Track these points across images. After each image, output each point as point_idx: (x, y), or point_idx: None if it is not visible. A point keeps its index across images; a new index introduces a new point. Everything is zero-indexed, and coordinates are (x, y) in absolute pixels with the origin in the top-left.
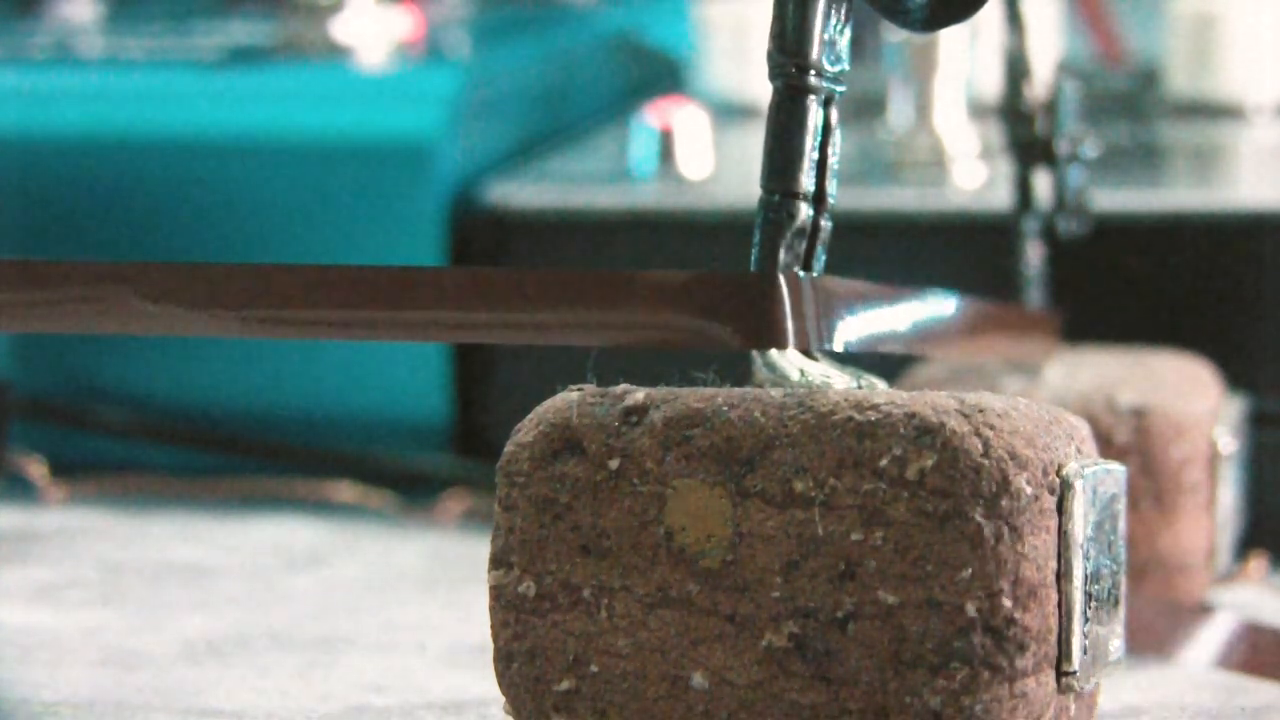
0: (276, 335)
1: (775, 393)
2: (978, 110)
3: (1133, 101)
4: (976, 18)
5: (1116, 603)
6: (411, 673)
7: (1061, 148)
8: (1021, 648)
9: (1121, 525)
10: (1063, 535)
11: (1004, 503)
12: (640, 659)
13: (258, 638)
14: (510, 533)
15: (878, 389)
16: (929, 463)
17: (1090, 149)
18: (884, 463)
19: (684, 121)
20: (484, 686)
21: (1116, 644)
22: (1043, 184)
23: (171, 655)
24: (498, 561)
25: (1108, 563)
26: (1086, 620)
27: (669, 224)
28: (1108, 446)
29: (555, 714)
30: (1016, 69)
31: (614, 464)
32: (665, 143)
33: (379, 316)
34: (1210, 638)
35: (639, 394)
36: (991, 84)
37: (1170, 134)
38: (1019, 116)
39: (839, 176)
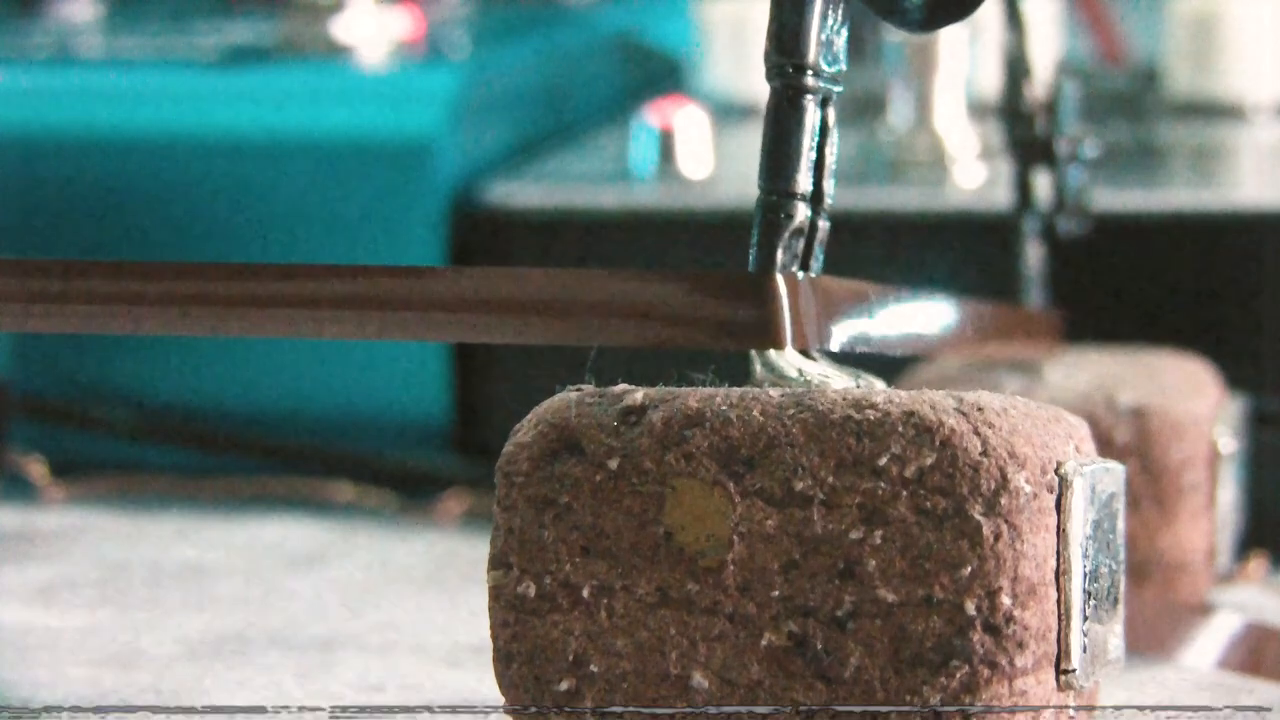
0: (276, 335)
1: (774, 392)
2: (978, 110)
3: (1133, 101)
4: (976, 18)
5: (1116, 601)
6: (411, 673)
7: (1061, 148)
8: (1021, 646)
9: (1121, 524)
10: (1062, 533)
11: (1003, 501)
12: (640, 659)
13: (258, 638)
14: (510, 533)
15: (876, 388)
16: (928, 461)
17: (1090, 149)
18: (883, 461)
19: (684, 121)
20: (484, 686)
21: (1116, 643)
22: (1043, 184)
23: (171, 655)
24: (497, 561)
25: (1107, 561)
26: (1086, 619)
27: (669, 224)
28: (1108, 446)
29: (555, 714)
30: (1016, 69)
31: (613, 464)
32: (665, 143)
33: (379, 316)
34: (1210, 638)
35: (638, 394)
36: (991, 84)
37: (1170, 134)
38: (1019, 116)
39: (837, 176)
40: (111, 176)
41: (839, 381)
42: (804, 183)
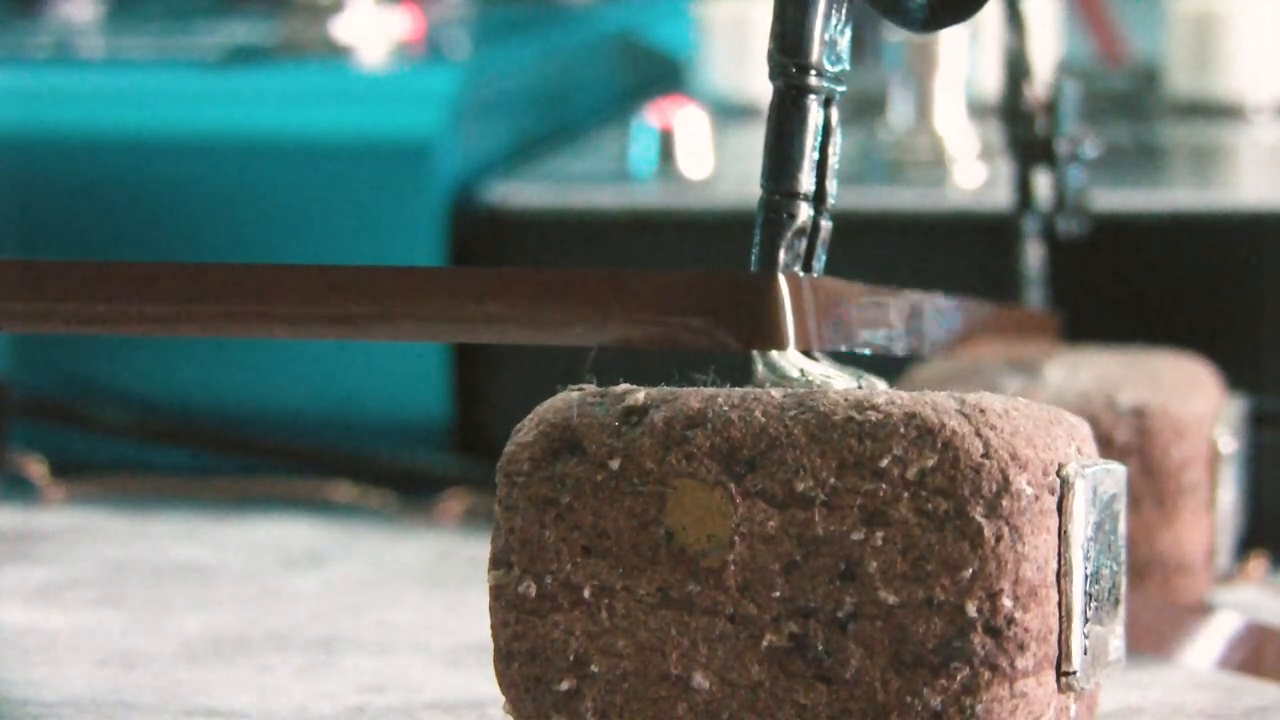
0: (276, 335)
1: (775, 393)
2: (978, 110)
3: (1133, 101)
4: (976, 18)
5: (1117, 603)
6: (411, 673)
7: (1061, 148)
8: (1022, 648)
9: (1122, 525)
10: (1063, 535)
11: (1004, 503)
12: (641, 659)
13: (258, 638)
14: (510, 533)
15: (878, 389)
16: (930, 463)
17: (1090, 149)
18: (885, 463)
19: (684, 121)
20: (484, 686)
21: (1116, 644)
22: (1043, 184)
23: (171, 655)
24: (498, 561)
25: (1108, 563)
26: (1087, 620)
27: (669, 224)
28: (1108, 446)
29: (555, 714)
30: (1016, 69)
31: (614, 464)
32: (665, 143)
33: (379, 316)
34: (1210, 638)
35: (639, 394)
36: (991, 84)
37: (1170, 134)
38: (1019, 116)
39: (839, 176)
40: (111, 176)
41: (841, 382)
42: (806, 183)
